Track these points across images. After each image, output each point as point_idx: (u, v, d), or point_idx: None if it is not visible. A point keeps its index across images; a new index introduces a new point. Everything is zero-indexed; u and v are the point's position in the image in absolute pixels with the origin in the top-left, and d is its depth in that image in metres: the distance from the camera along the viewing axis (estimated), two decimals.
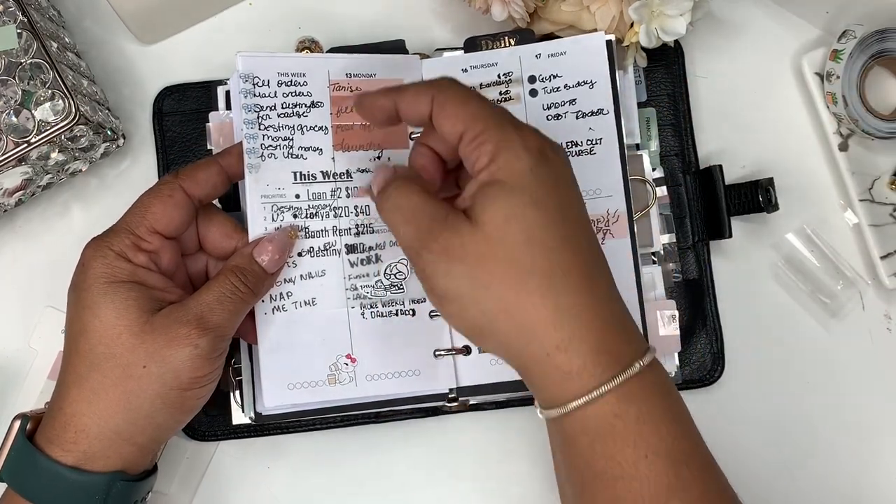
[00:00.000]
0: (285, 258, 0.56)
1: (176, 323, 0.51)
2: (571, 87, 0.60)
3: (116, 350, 0.50)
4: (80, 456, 0.50)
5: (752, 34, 0.68)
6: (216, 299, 0.52)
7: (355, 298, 0.58)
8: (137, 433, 0.51)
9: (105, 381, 0.50)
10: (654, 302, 0.60)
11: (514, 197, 0.46)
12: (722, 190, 0.63)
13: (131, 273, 0.52)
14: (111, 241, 0.52)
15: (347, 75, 0.60)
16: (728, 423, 0.65)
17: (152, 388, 0.50)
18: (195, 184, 0.54)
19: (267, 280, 0.55)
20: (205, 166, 0.55)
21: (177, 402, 0.51)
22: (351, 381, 0.57)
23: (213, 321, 0.51)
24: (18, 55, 0.58)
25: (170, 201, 0.53)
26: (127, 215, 0.54)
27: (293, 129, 0.58)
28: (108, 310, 0.51)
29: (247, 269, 0.54)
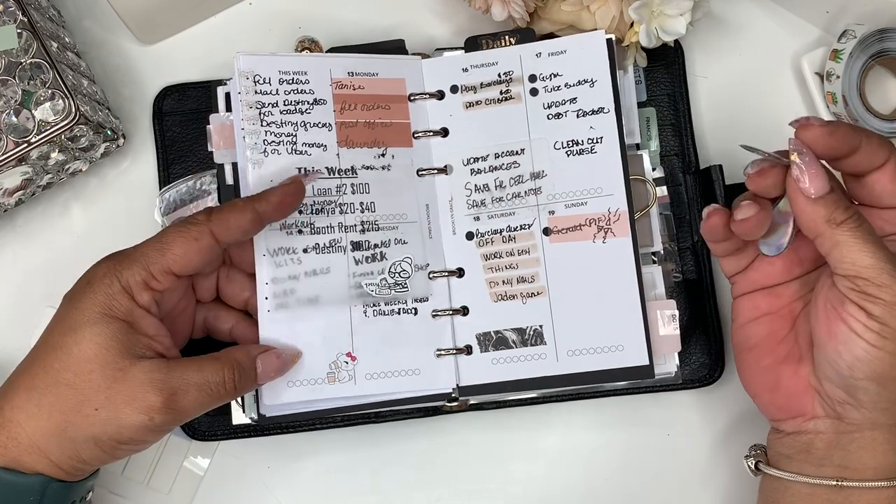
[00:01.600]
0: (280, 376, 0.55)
1: (148, 384, 0.49)
2: (572, 86, 0.61)
3: (81, 384, 0.49)
4: (10, 460, 0.50)
5: (752, 34, 0.68)
6: (198, 383, 0.51)
7: (358, 296, 0.58)
8: (63, 460, 0.50)
9: (56, 405, 0.49)
10: (654, 302, 0.60)
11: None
12: (722, 190, 0.63)
13: (128, 312, 0.51)
14: (122, 271, 0.51)
15: (349, 74, 0.60)
16: (728, 423, 0.65)
17: (92, 430, 0.50)
18: (226, 229, 0.52)
19: (252, 386, 0.54)
20: (239, 211, 0.53)
21: (108, 449, 0.51)
22: (350, 380, 0.57)
23: (181, 404, 0.50)
24: (18, 55, 0.58)
25: (195, 245, 0.51)
26: (147, 247, 0.52)
27: (296, 125, 0.58)
28: (90, 342, 0.49)
29: (246, 370, 0.53)
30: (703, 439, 0.65)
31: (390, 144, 0.60)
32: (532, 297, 0.59)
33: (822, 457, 0.52)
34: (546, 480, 0.65)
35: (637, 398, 0.64)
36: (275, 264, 0.57)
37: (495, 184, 0.60)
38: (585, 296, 0.59)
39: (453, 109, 0.61)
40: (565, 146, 0.60)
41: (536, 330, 0.59)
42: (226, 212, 0.53)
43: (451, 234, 0.60)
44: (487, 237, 0.60)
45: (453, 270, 0.60)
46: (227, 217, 0.52)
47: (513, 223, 0.60)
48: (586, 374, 0.59)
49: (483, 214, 0.60)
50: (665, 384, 0.62)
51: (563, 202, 0.60)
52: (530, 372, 0.59)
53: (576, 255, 0.59)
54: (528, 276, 0.60)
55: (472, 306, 0.60)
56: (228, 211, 0.53)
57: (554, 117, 0.60)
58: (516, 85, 0.61)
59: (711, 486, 0.65)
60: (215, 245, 0.52)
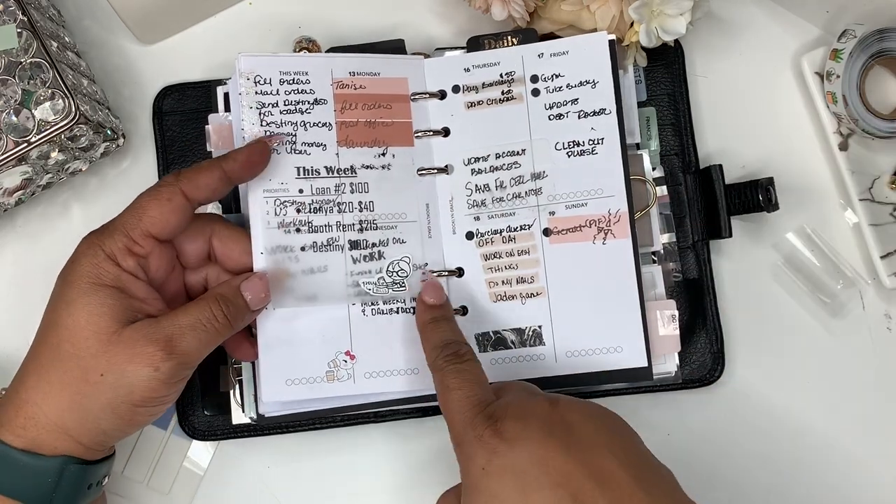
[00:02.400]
0: (270, 298, 0.55)
1: (143, 339, 0.50)
2: (574, 87, 0.61)
3: (80, 352, 0.50)
4: (28, 442, 0.50)
5: (752, 34, 0.68)
6: (190, 324, 0.51)
7: (356, 295, 0.58)
8: (83, 434, 0.51)
9: (63, 378, 0.50)
10: (654, 302, 0.60)
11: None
12: (722, 189, 0.63)
13: (115, 278, 0.51)
14: (104, 240, 0.52)
15: (351, 73, 0.60)
16: (728, 423, 0.65)
17: (105, 396, 0.50)
18: (195, 188, 0.53)
19: (248, 315, 0.54)
20: (207, 170, 0.54)
21: (126, 415, 0.51)
22: (349, 378, 0.57)
23: (180, 347, 0.51)
24: (18, 55, 0.58)
25: (168, 205, 0.53)
26: (124, 215, 0.53)
27: (296, 125, 0.58)
28: (82, 311, 0.50)
29: (231, 300, 0.53)
30: (703, 439, 0.65)
31: (391, 144, 0.60)
32: (531, 297, 0.59)
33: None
34: None
35: (637, 398, 0.64)
36: (273, 262, 0.57)
37: (496, 184, 0.60)
38: (585, 297, 0.59)
39: (455, 109, 0.61)
40: (566, 147, 0.60)
41: (535, 331, 0.59)
42: (194, 171, 0.54)
43: (451, 233, 0.60)
44: (487, 237, 0.60)
45: (453, 270, 0.60)
46: (196, 176, 0.53)
47: (513, 223, 0.60)
48: (585, 375, 0.59)
49: (483, 214, 0.60)
50: (665, 384, 0.62)
51: (563, 203, 0.60)
52: (529, 372, 0.59)
53: (576, 256, 0.59)
54: (528, 276, 0.60)
55: (471, 306, 0.60)
56: (196, 171, 0.54)
57: (555, 118, 0.60)
58: (518, 85, 0.61)
59: (712, 487, 0.65)
60: (187, 204, 0.53)
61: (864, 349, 0.66)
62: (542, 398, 0.50)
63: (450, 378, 0.52)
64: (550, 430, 0.47)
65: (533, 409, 0.49)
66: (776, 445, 0.65)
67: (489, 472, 0.47)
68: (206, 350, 0.52)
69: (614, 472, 0.46)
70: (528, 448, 0.47)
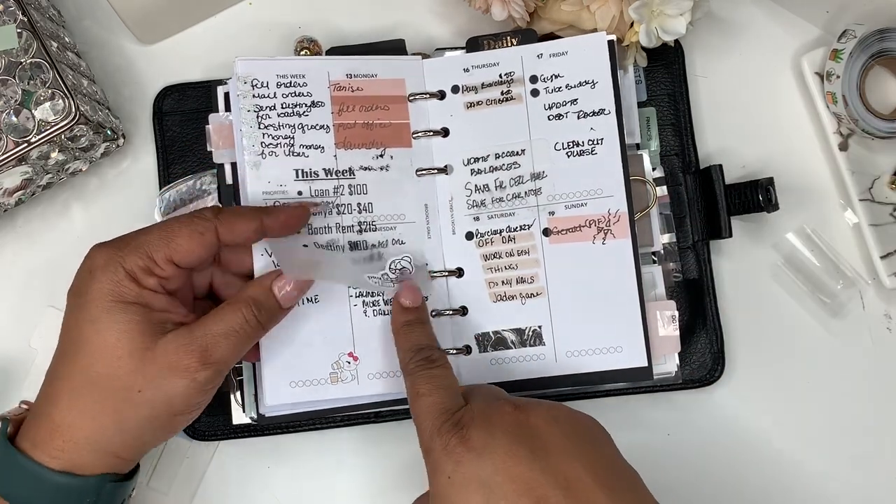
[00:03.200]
0: (303, 294, 0.55)
1: (179, 351, 0.50)
2: (573, 87, 0.60)
3: (115, 372, 0.49)
4: (66, 462, 0.50)
5: (752, 34, 0.68)
6: (224, 332, 0.51)
7: (357, 296, 0.58)
8: (124, 449, 0.51)
9: (101, 399, 0.50)
10: (654, 302, 0.60)
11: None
12: (722, 189, 0.63)
13: (137, 295, 0.50)
14: (124, 257, 0.51)
15: (348, 76, 0.60)
16: (728, 423, 0.65)
17: (144, 411, 0.50)
18: (230, 231, 0.53)
19: (280, 315, 0.54)
20: (247, 218, 0.53)
21: (166, 424, 0.51)
22: (353, 380, 0.57)
23: (216, 355, 0.50)
24: (18, 55, 0.58)
25: (199, 239, 0.52)
26: (149, 235, 0.52)
27: (294, 127, 0.58)
28: (111, 330, 0.50)
29: (263, 302, 0.53)
30: (703, 439, 0.65)
31: (389, 145, 0.60)
32: (531, 297, 0.59)
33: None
34: None
35: (637, 398, 0.64)
36: (273, 264, 0.57)
37: (495, 184, 0.60)
38: (585, 297, 0.59)
39: (454, 109, 0.61)
40: (566, 147, 0.60)
41: (535, 331, 0.59)
42: (234, 215, 0.53)
43: (450, 234, 0.60)
44: (487, 237, 0.60)
45: (452, 270, 0.60)
46: (235, 220, 0.53)
47: (513, 224, 0.60)
48: (585, 374, 0.59)
49: (483, 215, 0.60)
50: (665, 384, 0.62)
51: (563, 203, 0.60)
52: (529, 373, 0.59)
53: (575, 256, 0.59)
54: (528, 276, 0.60)
55: (471, 306, 0.60)
56: (236, 215, 0.53)
57: (555, 118, 0.60)
58: (517, 86, 0.61)
59: (711, 486, 0.65)
60: (216, 243, 0.53)
61: (864, 349, 0.66)
62: (507, 404, 0.50)
63: (420, 383, 0.52)
64: (516, 438, 0.48)
65: (499, 416, 0.49)
66: (776, 445, 0.65)
67: (454, 481, 0.47)
68: (240, 354, 0.52)
69: (580, 477, 0.47)
70: (493, 457, 0.47)
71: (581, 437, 0.49)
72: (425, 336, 0.56)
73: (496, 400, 0.50)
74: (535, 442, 0.48)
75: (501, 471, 0.46)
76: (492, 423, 0.48)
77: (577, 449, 0.48)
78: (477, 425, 0.48)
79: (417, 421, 0.51)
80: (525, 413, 0.49)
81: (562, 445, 0.48)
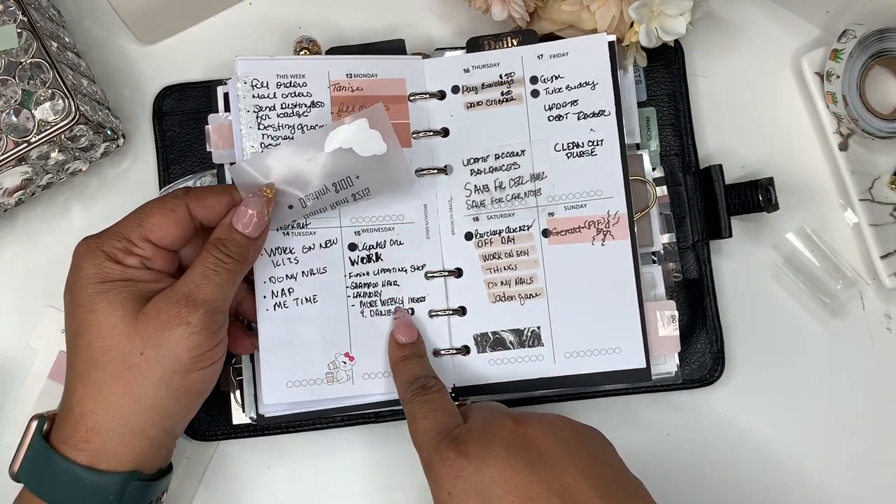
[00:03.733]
0: (266, 219, 0.54)
1: (165, 305, 0.51)
2: (573, 88, 0.60)
3: (113, 341, 0.50)
4: (93, 454, 0.50)
5: (752, 34, 0.68)
6: (201, 275, 0.52)
7: (355, 296, 0.58)
8: (148, 424, 0.51)
9: (106, 374, 0.50)
10: (653, 303, 0.60)
11: None
12: (722, 189, 0.63)
13: (122, 272, 0.52)
14: (102, 242, 0.52)
15: (348, 76, 0.60)
16: (728, 423, 0.65)
17: (154, 374, 0.50)
18: (202, 206, 0.54)
19: (252, 245, 0.54)
20: (217, 193, 0.55)
21: (182, 386, 0.51)
22: (348, 380, 0.58)
23: (201, 296, 0.51)
24: (18, 55, 0.58)
25: (171, 216, 0.53)
26: (124, 220, 0.54)
27: (293, 128, 0.58)
28: (102, 305, 0.51)
29: (227, 238, 0.53)
30: (702, 439, 0.65)
31: None
32: (530, 298, 0.59)
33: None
34: None
35: (637, 398, 0.65)
36: (272, 264, 0.57)
37: (495, 185, 0.60)
38: (584, 298, 0.59)
39: (454, 110, 0.61)
40: (565, 148, 0.60)
41: (534, 331, 0.59)
42: (203, 190, 0.55)
43: (450, 234, 0.60)
44: (486, 238, 0.60)
45: (451, 270, 0.60)
46: (205, 195, 0.54)
47: (512, 224, 0.60)
48: (583, 375, 0.59)
49: (482, 215, 0.60)
50: (665, 384, 0.62)
51: (562, 204, 0.60)
52: (528, 373, 0.59)
53: (575, 258, 0.59)
54: (527, 277, 0.60)
55: (469, 307, 0.60)
56: (207, 191, 0.55)
57: (555, 119, 0.60)
58: (517, 86, 0.61)
59: (711, 486, 0.65)
60: (189, 219, 0.54)
61: (864, 349, 0.66)
62: (505, 416, 0.50)
63: (417, 409, 0.53)
64: (513, 449, 0.48)
65: (496, 429, 0.49)
66: (776, 445, 0.65)
67: (454, 495, 0.47)
68: (227, 290, 0.53)
69: (579, 488, 0.47)
70: (492, 468, 0.47)
71: (581, 447, 0.49)
72: (421, 367, 0.57)
73: (494, 414, 0.51)
74: (532, 452, 0.48)
75: (499, 482, 0.47)
76: (489, 436, 0.49)
77: (576, 458, 0.48)
78: (474, 439, 0.48)
79: (417, 443, 0.52)
80: (523, 426, 0.49)
81: (560, 455, 0.48)
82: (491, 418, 0.50)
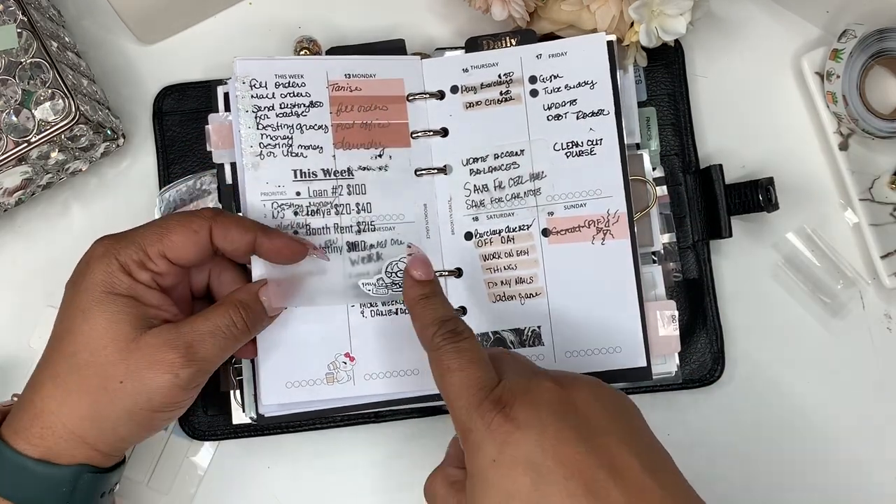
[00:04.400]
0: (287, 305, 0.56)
1: (164, 346, 0.50)
2: (572, 88, 0.60)
3: (99, 360, 0.50)
4: (44, 451, 0.50)
5: (752, 34, 0.68)
6: (210, 331, 0.51)
7: (355, 297, 0.58)
8: (101, 441, 0.51)
9: (81, 386, 0.50)
10: (654, 303, 0.60)
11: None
12: (722, 189, 0.63)
13: (129, 287, 0.51)
14: (119, 250, 0.52)
15: (346, 76, 0.60)
16: (728, 423, 0.65)
17: (123, 404, 0.50)
18: (224, 237, 0.53)
19: (266, 320, 0.55)
20: (243, 229, 0.53)
21: (144, 421, 0.51)
22: (349, 380, 0.57)
23: (200, 353, 0.51)
24: (18, 55, 0.58)
25: (193, 237, 0.52)
26: (145, 230, 0.53)
27: (292, 128, 0.58)
28: (99, 319, 0.50)
29: (250, 305, 0.53)
30: (703, 439, 0.65)
31: (387, 145, 0.60)
32: (530, 297, 0.59)
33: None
34: None
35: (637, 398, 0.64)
36: (271, 265, 0.57)
37: (495, 184, 0.60)
38: (584, 297, 0.59)
39: (453, 109, 0.61)
40: (565, 147, 0.60)
41: (534, 331, 0.59)
42: (231, 221, 0.53)
43: (449, 234, 0.60)
44: (486, 237, 0.60)
45: (452, 270, 0.60)
46: (230, 226, 0.53)
47: (512, 224, 0.60)
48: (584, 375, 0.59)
49: (482, 215, 0.60)
50: (665, 384, 0.62)
51: (562, 203, 0.60)
52: None
53: (574, 257, 0.59)
54: (527, 276, 0.60)
55: (470, 306, 0.60)
56: (234, 222, 0.53)
57: (554, 118, 0.60)
58: (516, 86, 0.61)
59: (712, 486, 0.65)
60: (209, 243, 0.53)
61: (864, 349, 0.66)
62: (546, 378, 0.47)
63: (449, 358, 0.49)
64: (562, 416, 0.45)
65: (542, 392, 0.46)
66: (776, 445, 0.65)
67: (501, 463, 0.45)
68: (224, 355, 0.53)
69: (625, 461, 0.45)
70: (541, 437, 0.44)
71: (621, 415, 0.48)
72: (445, 308, 0.53)
73: (532, 374, 0.48)
74: (580, 420, 0.46)
75: (550, 453, 0.44)
76: (535, 401, 0.46)
77: (618, 428, 0.46)
78: (521, 403, 0.46)
79: (450, 398, 0.48)
80: (567, 390, 0.47)
81: (605, 424, 0.46)
82: (532, 379, 0.48)
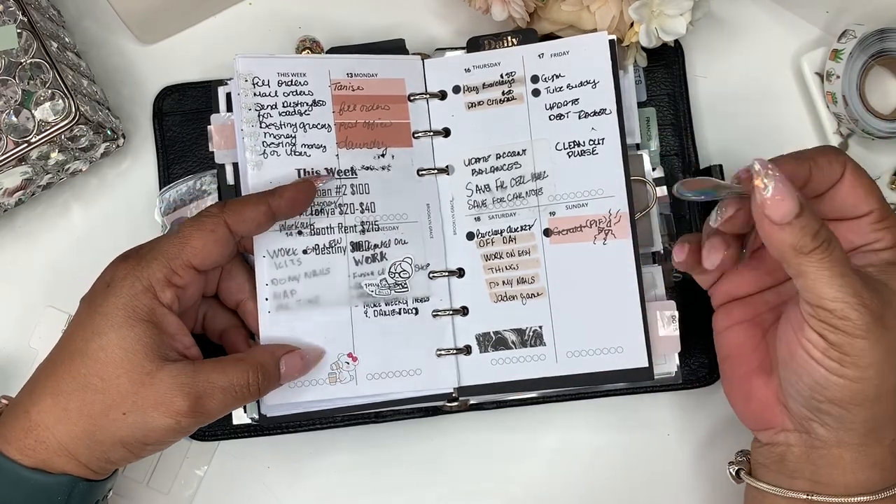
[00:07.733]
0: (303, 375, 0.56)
1: (176, 389, 0.50)
2: (574, 87, 0.60)
3: (108, 388, 0.50)
4: (37, 462, 0.50)
5: (752, 34, 0.68)
6: (224, 387, 0.51)
7: (359, 297, 0.58)
8: (92, 461, 0.51)
9: (83, 409, 0.50)
10: (654, 303, 0.60)
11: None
12: None
13: (150, 312, 0.51)
14: (143, 270, 0.51)
15: (349, 75, 0.60)
16: (728, 423, 0.65)
17: (121, 433, 0.50)
18: (240, 221, 0.53)
19: (276, 386, 0.54)
20: (253, 204, 0.54)
21: (133, 450, 0.51)
22: (351, 380, 0.57)
23: (207, 407, 0.51)
24: (18, 55, 0.58)
25: (211, 236, 0.52)
26: (164, 244, 0.52)
27: (295, 126, 0.58)
28: (115, 348, 0.50)
29: (270, 371, 0.53)
30: (703, 439, 0.65)
31: (390, 145, 0.60)
32: (532, 297, 0.59)
33: (794, 469, 0.52)
34: (546, 480, 0.65)
35: (637, 398, 0.65)
36: (274, 265, 0.57)
37: (496, 184, 0.60)
38: (585, 297, 0.59)
39: (455, 109, 0.61)
40: (567, 147, 0.60)
41: (536, 331, 0.59)
42: (240, 204, 0.54)
43: (451, 234, 0.60)
44: (488, 237, 0.60)
45: (454, 270, 0.60)
46: (242, 209, 0.53)
47: (513, 224, 0.60)
48: (586, 375, 0.59)
49: (484, 215, 0.60)
50: (665, 384, 0.62)
51: (563, 203, 0.60)
52: (530, 373, 0.59)
53: (576, 257, 0.59)
54: (529, 276, 0.60)
55: (472, 306, 0.60)
56: (243, 203, 0.54)
57: (555, 118, 0.60)
58: (518, 86, 0.61)
59: (711, 487, 0.65)
60: (230, 236, 0.53)
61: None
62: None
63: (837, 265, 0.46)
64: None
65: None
66: None
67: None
68: (226, 412, 0.52)
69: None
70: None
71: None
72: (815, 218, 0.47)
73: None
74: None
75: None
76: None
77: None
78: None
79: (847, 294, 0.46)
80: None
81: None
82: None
